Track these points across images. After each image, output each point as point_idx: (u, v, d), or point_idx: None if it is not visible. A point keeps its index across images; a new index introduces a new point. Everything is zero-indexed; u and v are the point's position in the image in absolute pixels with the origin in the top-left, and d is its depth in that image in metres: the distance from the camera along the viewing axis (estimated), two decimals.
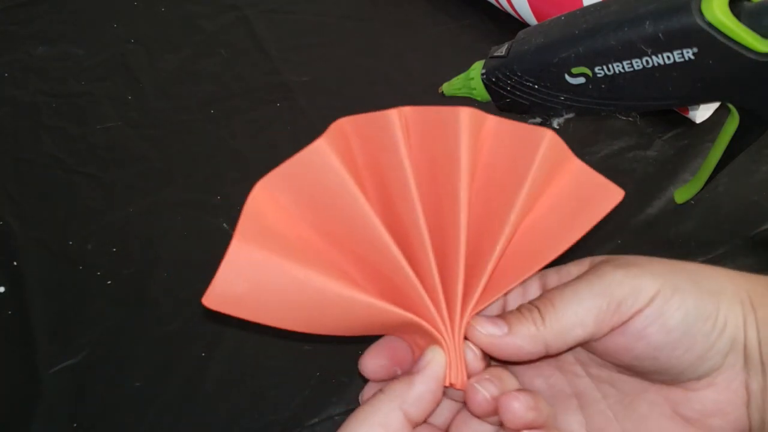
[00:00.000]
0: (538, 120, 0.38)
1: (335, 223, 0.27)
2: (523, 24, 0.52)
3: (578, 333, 0.27)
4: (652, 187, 0.45)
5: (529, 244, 0.29)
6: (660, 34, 0.30)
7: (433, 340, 0.27)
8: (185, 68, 0.52)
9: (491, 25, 0.55)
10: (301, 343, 0.40)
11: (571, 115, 0.36)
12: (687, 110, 0.47)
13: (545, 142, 0.28)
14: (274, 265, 0.24)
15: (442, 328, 0.27)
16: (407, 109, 0.28)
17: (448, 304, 0.27)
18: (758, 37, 0.29)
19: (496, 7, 0.54)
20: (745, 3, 0.30)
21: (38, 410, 0.37)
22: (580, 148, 0.47)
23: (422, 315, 0.27)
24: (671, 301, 0.27)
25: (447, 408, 0.30)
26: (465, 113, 0.27)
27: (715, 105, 0.46)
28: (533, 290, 0.31)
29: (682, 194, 0.39)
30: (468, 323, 0.27)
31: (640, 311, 0.27)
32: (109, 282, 0.42)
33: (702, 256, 0.42)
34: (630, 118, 0.48)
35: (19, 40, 0.54)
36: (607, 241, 0.43)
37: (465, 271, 0.27)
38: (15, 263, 0.42)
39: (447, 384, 0.27)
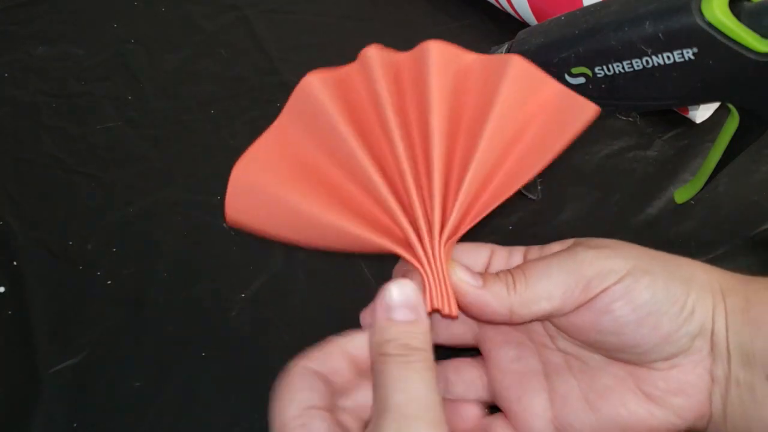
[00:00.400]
0: None
1: (331, 151, 0.30)
2: (523, 24, 0.52)
3: (544, 306, 0.28)
4: (652, 187, 0.45)
5: (507, 164, 0.29)
6: (660, 34, 0.30)
7: (413, 266, 0.28)
8: (185, 68, 0.52)
9: (491, 25, 0.55)
10: (301, 343, 0.40)
11: None
12: (687, 110, 0.47)
13: (513, 66, 0.29)
14: (271, 188, 0.29)
15: (421, 253, 0.28)
16: (399, 56, 0.31)
17: (429, 231, 0.28)
18: (758, 37, 0.29)
19: (496, 7, 0.54)
20: (745, 3, 0.30)
21: (38, 410, 0.37)
22: (580, 148, 0.47)
23: (403, 239, 0.28)
24: (641, 281, 0.28)
25: None
26: (435, 45, 0.30)
27: (715, 105, 0.46)
28: (516, 262, 0.32)
29: (682, 194, 0.39)
30: (449, 248, 0.29)
31: (608, 288, 0.28)
32: (109, 282, 0.42)
33: (702, 256, 0.42)
34: (630, 118, 0.48)
35: (19, 40, 0.54)
36: None
37: (443, 199, 0.28)
38: (15, 263, 0.42)
39: (429, 310, 0.28)
